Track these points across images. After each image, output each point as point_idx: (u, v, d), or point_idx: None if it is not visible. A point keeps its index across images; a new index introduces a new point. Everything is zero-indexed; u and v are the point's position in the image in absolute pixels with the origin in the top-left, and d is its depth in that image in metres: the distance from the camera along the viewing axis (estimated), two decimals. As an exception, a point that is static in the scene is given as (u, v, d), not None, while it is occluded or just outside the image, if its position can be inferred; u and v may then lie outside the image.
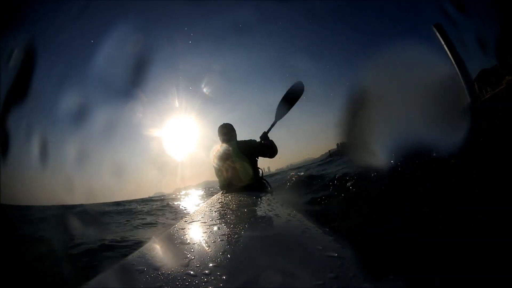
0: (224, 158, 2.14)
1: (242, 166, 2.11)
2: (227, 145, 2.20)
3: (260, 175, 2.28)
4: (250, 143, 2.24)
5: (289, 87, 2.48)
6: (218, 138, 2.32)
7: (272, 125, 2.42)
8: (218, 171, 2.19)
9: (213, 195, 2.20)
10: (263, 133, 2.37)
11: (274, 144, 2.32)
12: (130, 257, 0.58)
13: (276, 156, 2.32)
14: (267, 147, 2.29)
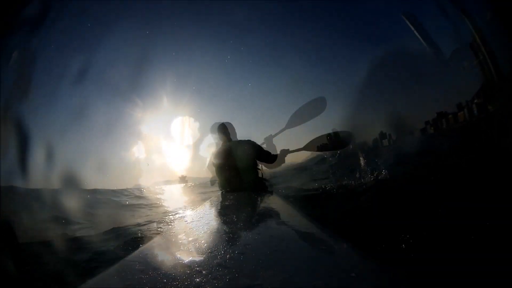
0: (225, 157, 2.14)
1: (242, 166, 2.11)
2: (228, 144, 2.20)
3: (260, 175, 2.29)
4: (250, 143, 2.24)
5: (311, 102, 2.45)
6: (217, 136, 2.30)
7: (281, 131, 2.39)
8: (219, 170, 2.18)
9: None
10: (269, 135, 2.34)
11: (274, 154, 2.30)
12: (130, 257, 0.58)
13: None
14: (266, 154, 2.28)
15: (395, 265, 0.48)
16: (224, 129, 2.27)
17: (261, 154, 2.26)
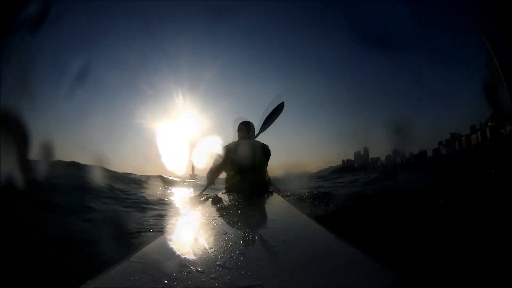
0: (247, 155, 2.06)
1: (261, 166, 2.09)
2: (251, 142, 2.15)
3: (267, 178, 2.26)
4: (263, 146, 2.21)
5: (273, 106, 2.43)
6: (237, 132, 2.26)
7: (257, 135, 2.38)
8: (233, 166, 2.08)
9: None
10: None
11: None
12: (130, 256, 0.58)
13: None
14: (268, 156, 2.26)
15: (396, 265, 0.47)
16: (246, 127, 2.24)
17: (268, 158, 2.22)
